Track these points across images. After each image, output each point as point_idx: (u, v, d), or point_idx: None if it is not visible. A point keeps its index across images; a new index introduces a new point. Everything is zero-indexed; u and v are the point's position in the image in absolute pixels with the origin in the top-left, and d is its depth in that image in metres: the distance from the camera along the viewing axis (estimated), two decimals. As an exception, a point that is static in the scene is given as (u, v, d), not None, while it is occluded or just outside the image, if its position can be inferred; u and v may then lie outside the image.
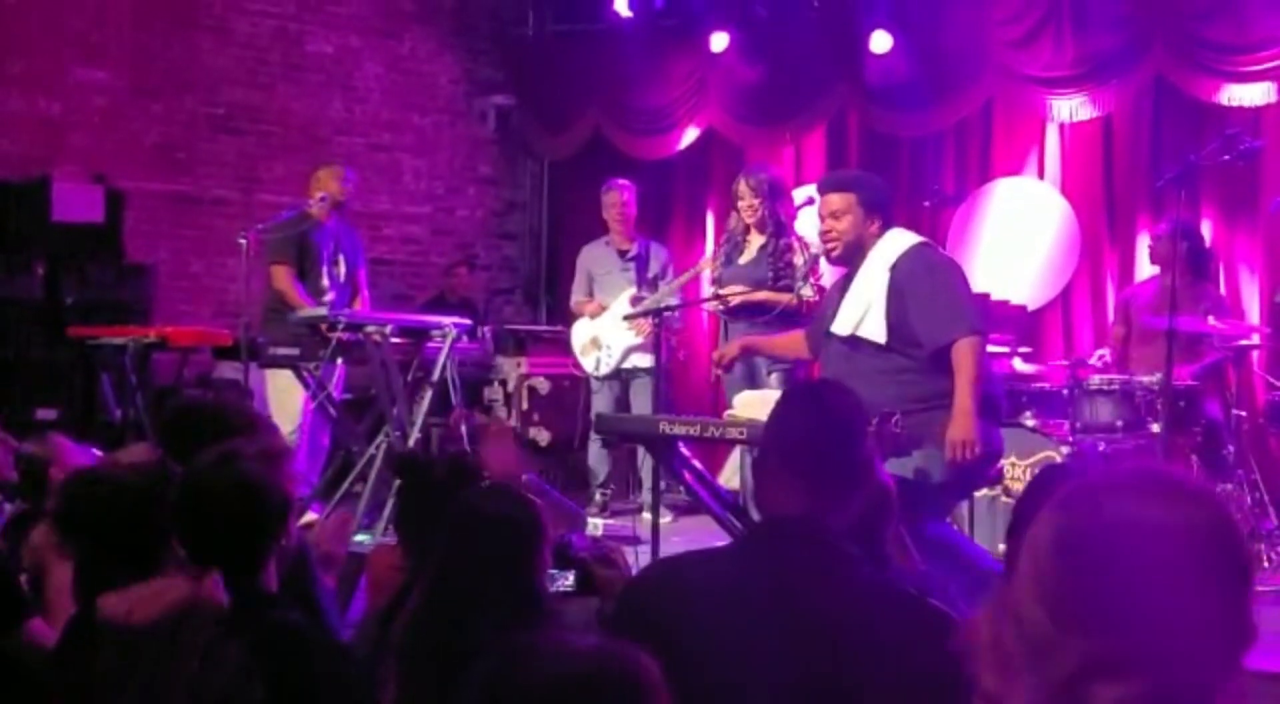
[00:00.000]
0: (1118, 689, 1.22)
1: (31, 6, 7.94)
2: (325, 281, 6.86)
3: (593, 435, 7.46)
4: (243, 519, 2.44)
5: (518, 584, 2.39)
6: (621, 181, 7.57)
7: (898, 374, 4.42)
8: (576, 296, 7.65)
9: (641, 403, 7.32)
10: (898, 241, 4.55)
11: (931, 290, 4.42)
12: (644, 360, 7.36)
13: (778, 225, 6.47)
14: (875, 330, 4.45)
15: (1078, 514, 1.29)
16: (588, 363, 7.46)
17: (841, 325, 4.55)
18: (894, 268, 4.47)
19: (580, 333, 7.53)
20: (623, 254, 7.52)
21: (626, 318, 7.22)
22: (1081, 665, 1.23)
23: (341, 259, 6.97)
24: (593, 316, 7.44)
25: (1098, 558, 1.25)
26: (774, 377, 6.27)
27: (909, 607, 2.09)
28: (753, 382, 6.31)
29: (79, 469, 3.18)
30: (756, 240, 6.56)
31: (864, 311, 4.47)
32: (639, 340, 7.24)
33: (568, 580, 2.84)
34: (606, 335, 7.39)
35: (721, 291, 6.52)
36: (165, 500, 2.59)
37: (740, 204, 6.54)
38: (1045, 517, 1.31)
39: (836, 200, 4.61)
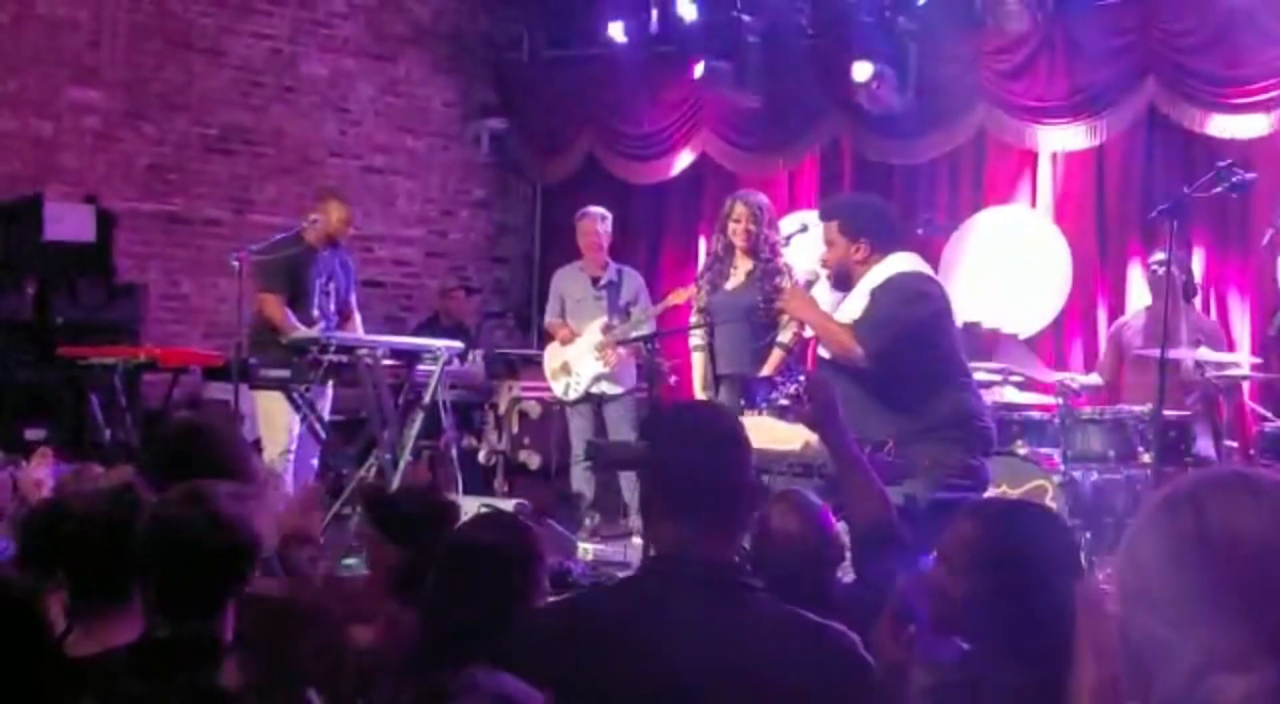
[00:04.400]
0: (1244, 680, 1.24)
1: (26, 26, 7.94)
2: (315, 312, 6.81)
3: (575, 458, 7.45)
4: (211, 554, 2.31)
5: (514, 613, 2.37)
6: (594, 210, 7.57)
7: (884, 402, 4.41)
8: (549, 317, 7.66)
9: (618, 428, 7.32)
10: (888, 267, 4.51)
11: (873, 307, 4.41)
12: (614, 387, 7.36)
13: (771, 250, 6.47)
14: None
15: (1186, 518, 1.32)
16: (557, 387, 7.49)
17: (825, 349, 4.58)
18: (872, 293, 4.47)
19: (552, 357, 7.55)
20: (595, 281, 7.51)
21: (600, 347, 7.24)
22: (1201, 662, 1.25)
23: (333, 288, 6.94)
24: (564, 343, 7.44)
25: (1214, 557, 1.28)
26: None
27: (810, 634, 2.08)
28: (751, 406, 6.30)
29: (43, 503, 3.09)
30: (744, 265, 6.51)
31: None
32: (606, 369, 7.27)
33: (565, 606, 2.81)
34: (576, 362, 7.40)
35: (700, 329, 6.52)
36: (133, 530, 2.52)
37: (734, 225, 6.48)
38: (1146, 525, 1.34)
39: (825, 229, 4.62)
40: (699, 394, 6.67)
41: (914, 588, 2.30)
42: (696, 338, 6.67)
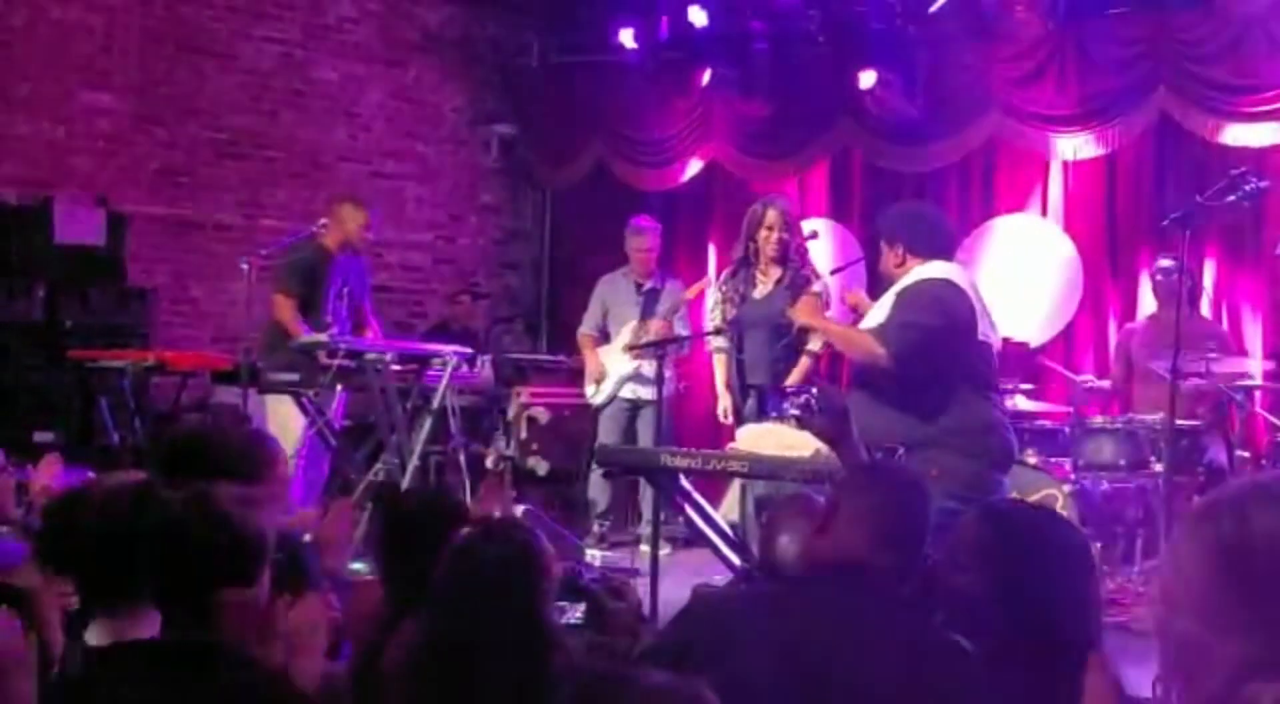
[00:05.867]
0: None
1: (38, 30, 7.95)
2: (329, 318, 6.81)
3: (594, 465, 7.44)
4: (215, 557, 2.29)
5: (521, 620, 2.36)
6: (648, 225, 7.60)
7: (898, 408, 4.41)
8: (584, 328, 7.70)
9: (646, 435, 7.32)
10: (918, 273, 4.52)
11: (895, 310, 4.43)
12: (647, 392, 7.38)
13: (801, 257, 6.33)
14: None
15: (1228, 525, 1.32)
16: (588, 391, 7.54)
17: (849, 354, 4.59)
18: (896, 295, 4.48)
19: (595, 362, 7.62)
20: (639, 287, 7.56)
21: (630, 348, 7.27)
22: (1240, 668, 1.26)
23: (348, 294, 6.94)
24: (595, 376, 7.47)
25: (1256, 564, 1.29)
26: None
27: (952, 658, 2.12)
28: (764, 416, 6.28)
29: (60, 494, 3.09)
30: (773, 273, 6.31)
31: None
32: (630, 372, 7.32)
33: (577, 612, 2.80)
34: (609, 366, 7.45)
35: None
36: (148, 526, 2.51)
37: (766, 233, 6.24)
38: (1188, 532, 1.35)
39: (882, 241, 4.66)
40: (721, 396, 6.60)
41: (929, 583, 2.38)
42: (720, 341, 6.58)
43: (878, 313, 4.54)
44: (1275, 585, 1.27)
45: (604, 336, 7.67)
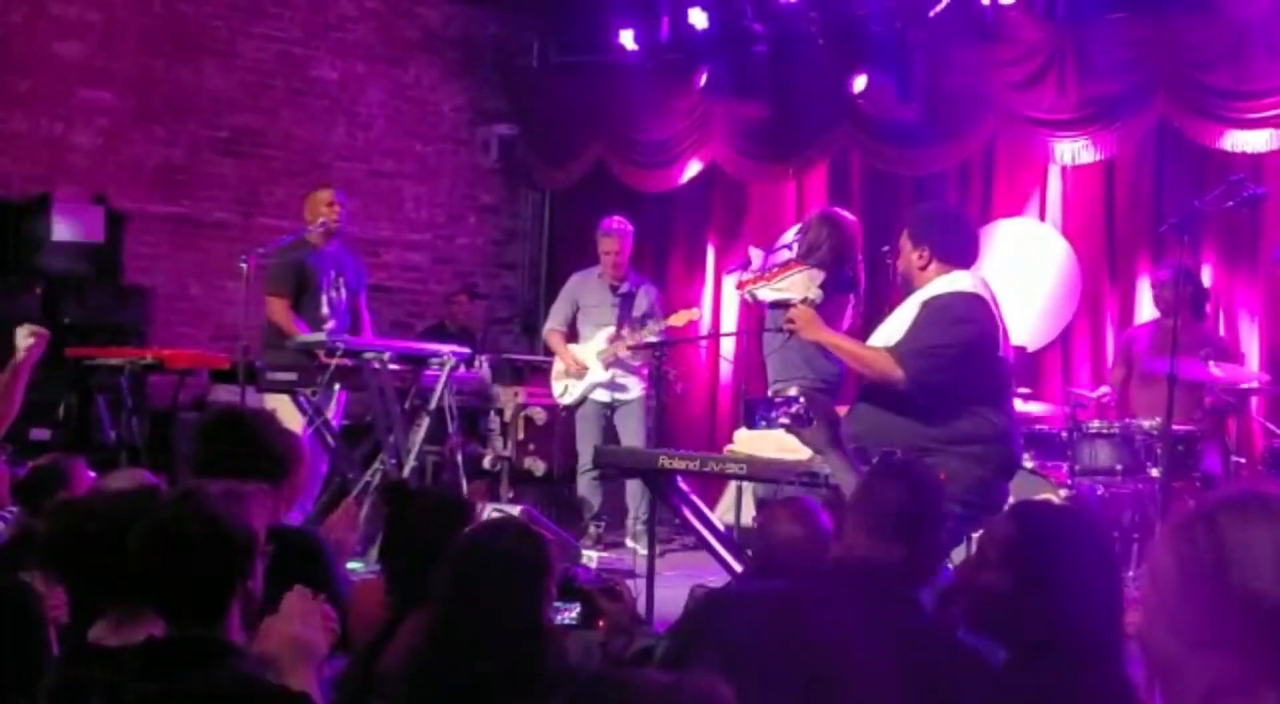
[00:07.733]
0: None
1: (37, 27, 7.95)
2: (325, 309, 6.81)
3: (581, 466, 7.44)
4: (207, 555, 2.31)
5: (523, 618, 2.36)
6: (617, 226, 7.55)
7: (903, 413, 4.39)
8: (551, 323, 7.67)
9: (627, 435, 7.32)
10: (943, 284, 4.44)
11: (919, 327, 4.38)
12: (623, 394, 7.39)
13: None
14: None
15: (1198, 540, 1.31)
16: (556, 389, 7.53)
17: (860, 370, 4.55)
18: (923, 305, 4.44)
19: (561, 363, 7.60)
20: (614, 289, 7.54)
21: (601, 355, 7.27)
22: (1215, 684, 1.25)
23: (342, 284, 6.94)
24: (573, 371, 7.44)
25: (1226, 580, 1.27)
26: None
27: (962, 657, 2.14)
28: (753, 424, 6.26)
29: (64, 499, 3.10)
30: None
31: (882, 343, 4.45)
32: (604, 377, 7.34)
33: (572, 613, 2.80)
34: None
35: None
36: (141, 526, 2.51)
37: None
38: (1163, 544, 1.34)
39: (901, 235, 4.60)
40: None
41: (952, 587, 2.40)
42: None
43: (898, 321, 4.46)
44: (1247, 601, 1.25)
45: (571, 334, 7.65)
